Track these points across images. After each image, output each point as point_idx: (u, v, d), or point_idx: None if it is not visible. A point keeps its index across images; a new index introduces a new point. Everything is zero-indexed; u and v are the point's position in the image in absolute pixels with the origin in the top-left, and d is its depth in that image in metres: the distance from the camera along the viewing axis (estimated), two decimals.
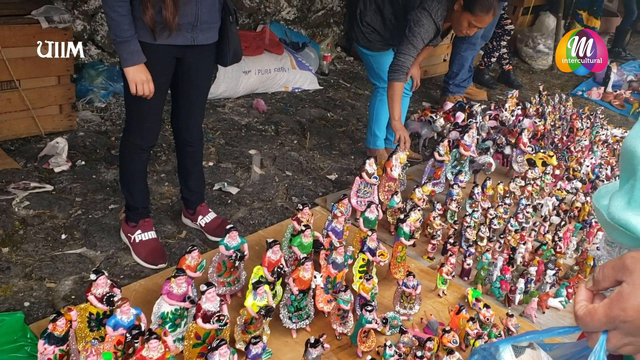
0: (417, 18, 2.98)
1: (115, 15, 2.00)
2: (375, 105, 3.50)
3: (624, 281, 0.61)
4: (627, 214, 0.62)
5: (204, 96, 2.45)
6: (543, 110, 4.43)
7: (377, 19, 3.23)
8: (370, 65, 3.45)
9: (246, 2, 4.95)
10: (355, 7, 3.30)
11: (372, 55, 3.37)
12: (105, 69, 3.84)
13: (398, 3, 3.14)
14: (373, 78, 3.50)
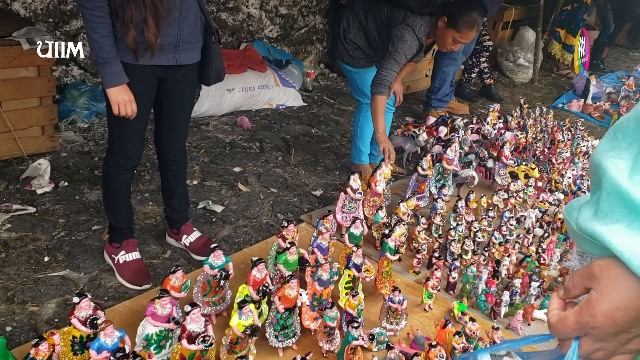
0: (400, 34, 3.02)
1: (97, 36, 2.01)
2: (360, 121, 3.53)
3: (592, 288, 0.64)
4: (594, 224, 0.64)
5: (187, 115, 2.45)
6: (524, 123, 4.49)
7: (361, 36, 3.26)
8: (354, 82, 3.48)
9: (229, 20, 4.98)
10: (338, 25, 3.33)
11: (355, 72, 3.40)
12: (88, 89, 3.83)
13: (381, 20, 3.18)
14: (357, 94, 3.53)
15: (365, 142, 3.58)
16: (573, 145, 4.45)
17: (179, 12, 2.10)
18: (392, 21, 3.11)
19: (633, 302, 0.60)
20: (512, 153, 3.76)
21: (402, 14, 3.07)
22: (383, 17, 3.16)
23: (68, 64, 4.01)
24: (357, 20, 3.25)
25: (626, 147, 0.66)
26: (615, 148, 0.68)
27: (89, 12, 1.98)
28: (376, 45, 3.26)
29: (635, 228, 0.60)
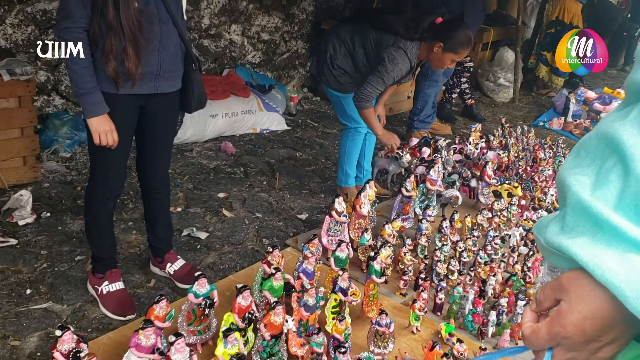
0: (392, 56, 3.07)
1: (76, 67, 2.01)
2: (347, 145, 3.54)
3: (562, 300, 0.66)
4: (560, 238, 0.67)
5: (169, 143, 2.45)
6: (506, 142, 4.54)
7: (348, 61, 3.29)
8: (340, 107, 3.48)
9: (211, 47, 5.01)
10: (324, 52, 3.34)
11: (343, 97, 3.41)
12: (70, 118, 3.82)
13: (370, 45, 3.21)
14: (344, 119, 3.53)
15: (352, 165, 3.61)
16: (555, 163, 4.50)
17: (159, 41, 2.11)
18: (381, 44, 3.15)
19: (600, 311, 0.63)
20: (495, 172, 3.80)
21: (392, 38, 3.12)
22: (372, 42, 3.20)
23: (50, 94, 4.00)
24: (344, 46, 3.28)
25: (589, 164, 0.70)
26: (579, 165, 0.71)
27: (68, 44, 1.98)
28: (365, 69, 3.29)
29: (599, 240, 0.63)
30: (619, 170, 0.65)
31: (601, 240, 0.63)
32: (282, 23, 5.53)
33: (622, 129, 0.66)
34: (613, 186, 0.65)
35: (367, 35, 3.21)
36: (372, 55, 3.22)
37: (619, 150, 0.66)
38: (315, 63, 3.42)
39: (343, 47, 3.28)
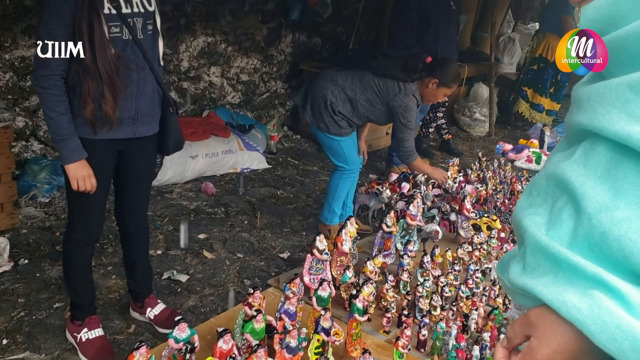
0: (405, 104, 3.25)
1: (54, 114, 2.02)
2: (339, 185, 3.56)
3: (532, 336, 0.69)
4: (524, 279, 0.70)
5: (147, 186, 2.46)
6: (484, 176, 4.61)
7: (347, 107, 3.36)
8: (338, 151, 3.50)
9: (191, 89, 5.06)
10: (323, 99, 3.36)
11: (342, 140, 3.46)
12: (49, 163, 3.80)
13: (374, 91, 3.31)
14: (340, 161, 3.54)
15: (339, 205, 3.64)
16: None
17: (137, 86, 2.14)
18: (388, 92, 3.29)
19: (569, 345, 0.66)
20: (473, 205, 3.84)
21: (396, 84, 3.27)
22: (376, 89, 3.31)
23: (28, 139, 3.99)
24: (343, 92, 3.35)
25: (541, 203, 0.73)
26: (532, 205, 0.74)
27: (45, 92, 2.00)
28: (365, 112, 3.38)
29: (560, 279, 0.66)
30: (569, 209, 0.68)
31: (562, 279, 0.66)
32: (261, 64, 5.61)
33: (570, 170, 0.70)
34: (566, 225, 0.68)
35: (368, 82, 3.32)
36: (376, 101, 3.34)
37: (568, 190, 0.69)
38: (310, 111, 3.41)
39: (342, 93, 3.34)
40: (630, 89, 0.65)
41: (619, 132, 0.64)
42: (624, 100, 0.65)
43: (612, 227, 0.63)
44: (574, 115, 0.74)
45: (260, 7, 5.36)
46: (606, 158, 0.67)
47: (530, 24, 10.07)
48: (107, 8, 2.02)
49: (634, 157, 0.64)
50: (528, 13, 10.25)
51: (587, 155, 0.69)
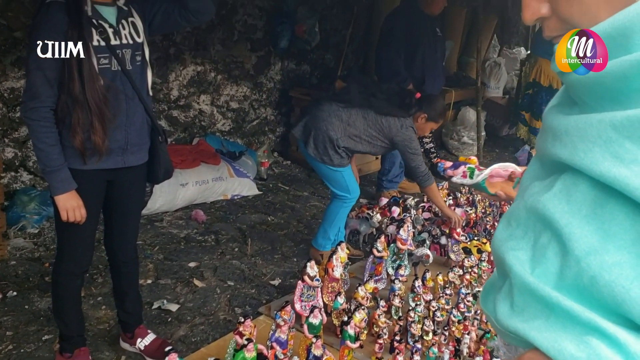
0: (407, 137, 3.46)
1: (43, 146, 2.03)
2: (338, 214, 3.60)
3: None
4: (514, 321, 0.69)
5: (137, 216, 2.46)
6: (473, 199, 4.63)
7: (351, 142, 3.49)
8: (340, 181, 3.56)
9: (181, 117, 5.09)
10: (326, 135, 3.42)
11: (343, 171, 3.53)
12: (38, 194, 3.79)
13: (379, 128, 3.48)
14: (342, 191, 3.58)
15: (335, 231, 3.66)
16: None
17: (126, 116, 2.16)
18: (391, 129, 3.48)
19: None
20: (463, 229, 3.86)
21: (397, 121, 3.46)
22: (379, 126, 3.48)
23: (17, 170, 3.99)
24: (347, 129, 3.47)
25: (522, 236, 0.73)
26: (512, 236, 0.74)
27: (34, 123, 2.01)
28: (366, 145, 3.54)
29: (553, 323, 0.65)
30: (554, 248, 0.67)
31: (555, 324, 0.65)
32: (251, 92, 5.66)
33: (552, 205, 0.69)
34: (551, 264, 0.67)
35: (371, 120, 3.48)
36: (379, 137, 3.51)
37: (552, 227, 0.68)
38: (313, 145, 3.47)
39: (347, 129, 3.46)
40: (612, 128, 0.64)
41: (605, 173, 0.63)
42: (607, 139, 0.64)
43: (603, 271, 0.62)
44: (549, 145, 0.73)
45: (249, 36, 5.43)
46: (590, 197, 0.66)
47: (516, 48, 10.23)
48: (96, 40, 2.05)
49: (620, 198, 0.63)
50: (513, 38, 10.41)
51: (568, 190, 0.68)
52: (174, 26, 2.33)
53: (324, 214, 3.70)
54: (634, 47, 0.63)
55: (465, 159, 1.64)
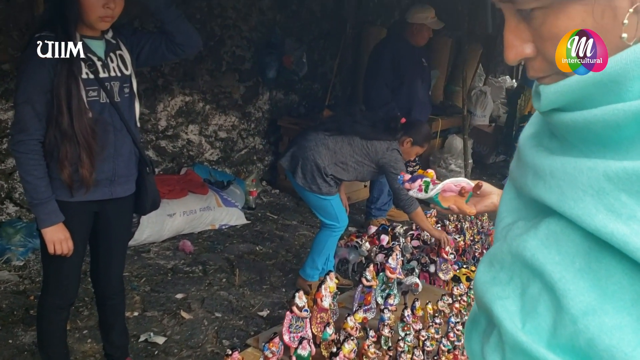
0: (393, 158, 3.45)
1: (31, 178, 2.03)
2: (327, 243, 3.60)
3: None
4: None
5: (123, 247, 2.44)
6: (461, 227, 4.65)
7: (338, 169, 3.50)
8: (328, 209, 3.56)
9: (169, 147, 5.09)
10: (314, 163, 3.44)
11: (332, 199, 3.54)
12: (24, 225, 3.76)
13: (364, 153, 3.50)
14: (331, 220, 3.59)
15: (323, 261, 3.65)
16: None
17: (114, 148, 2.17)
18: (377, 153, 3.49)
19: None
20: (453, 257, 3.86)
21: (383, 144, 3.48)
22: (365, 151, 3.50)
23: (3, 202, 3.95)
24: (334, 156, 3.49)
25: (507, 281, 0.70)
26: (497, 280, 0.71)
27: (23, 156, 2.01)
28: (354, 172, 3.55)
29: None
30: (546, 302, 0.64)
31: None
32: (239, 121, 5.69)
33: (541, 255, 0.65)
34: (544, 320, 0.64)
35: (357, 146, 3.50)
36: (365, 162, 3.52)
37: (542, 279, 0.65)
38: (301, 174, 3.48)
39: (334, 157, 3.48)
40: (606, 179, 0.60)
41: (600, 228, 0.59)
42: (600, 189, 0.60)
43: (602, 335, 0.59)
44: (531, 183, 0.70)
45: (238, 66, 5.49)
46: (584, 248, 0.63)
47: (501, 77, 10.42)
48: (85, 73, 2.07)
49: (617, 254, 0.59)
50: (498, 67, 10.61)
51: (558, 238, 0.65)
52: (162, 59, 2.36)
53: (312, 244, 3.69)
54: (626, 94, 0.61)
55: (423, 172, 1.68)
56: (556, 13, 0.64)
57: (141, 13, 4.43)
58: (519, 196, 0.76)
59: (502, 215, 0.79)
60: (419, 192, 1.68)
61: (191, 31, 2.31)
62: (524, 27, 0.68)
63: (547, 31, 0.65)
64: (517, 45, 0.68)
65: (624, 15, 0.61)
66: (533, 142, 0.75)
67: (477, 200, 1.60)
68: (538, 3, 0.64)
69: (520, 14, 0.67)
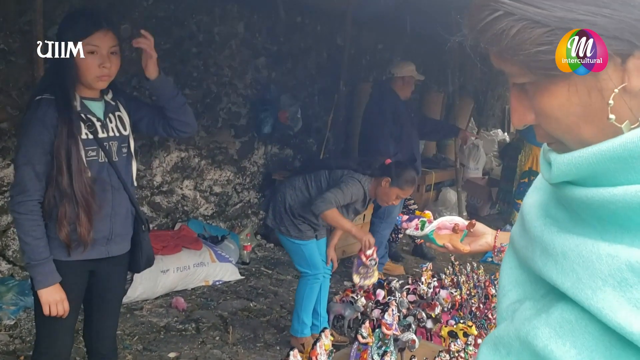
0: (350, 181, 3.30)
1: (30, 239, 2.03)
2: (305, 293, 3.55)
3: None
4: None
5: (117, 306, 2.43)
6: (458, 280, 4.63)
7: (307, 209, 3.44)
8: (300, 254, 3.54)
9: (164, 203, 5.10)
10: (282, 204, 3.47)
11: (303, 244, 3.50)
12: (16, 283, 3.72)
13: (323, 184, 3.42)
14: (303, 267, 3.57)
15: (308, 314, 3.59)
16: None
17: (111, 207, 2.18)
18: (337, 176, 3.37)
19: None
20: (449, 311, 3.83)
21: (345, 171, 3.37)
22: (325, 180, 3.42)
23: None
24: (301, 194, 3.46)
25: None
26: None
27: (22, 217, 2.02)
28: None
29: None
30: None
31: None
32: (234, 176, 5.73)
33: (554, 345, 0.61)
34: None
35: (320, 178, 3.44)
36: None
37: None
38: (272, 216, 3.50)
39: (301, 195, 3.46)
40: (630, 270, 0.55)
41: (624, 327, 0.54)
42: (622, 281, 0.55)
43: None
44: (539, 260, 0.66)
45: (233, 122, 5.58)
46: (604, 344, 0.57)
47: (493, 130, 10.59)
48: (84, 134, 2.11)
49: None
50: (490, 120, 10.80)
51: (573, 329, 0.60)
52: (155, 134, 2.42)
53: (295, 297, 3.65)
54: None
55: (421, 213, 1.73)
56: (542, 91, 0.64)
57: (139, 72, 4.53)
58: (522, 267, 0.73)
59: (505, 289, 0.75)
60: (416, 230, 1.72)
61: (190, 119, 2.36)
62: (524, 95, 0.68)
63: (537, 106, 0.66)
64: (521, 111, 0.69)
65: (609, 96, 0.60)
66: (540, 212, 0.71)
67: (472, 239, 1.63)
68: (526, 79, 0.65)
69: (517, 85, 0.69)
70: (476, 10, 0.65)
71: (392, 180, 3.37)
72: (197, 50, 5.01)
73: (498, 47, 0.64)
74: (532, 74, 0.64)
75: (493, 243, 1.65)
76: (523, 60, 0.63)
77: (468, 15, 0.67)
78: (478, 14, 0.65)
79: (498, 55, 0.66)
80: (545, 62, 0.61)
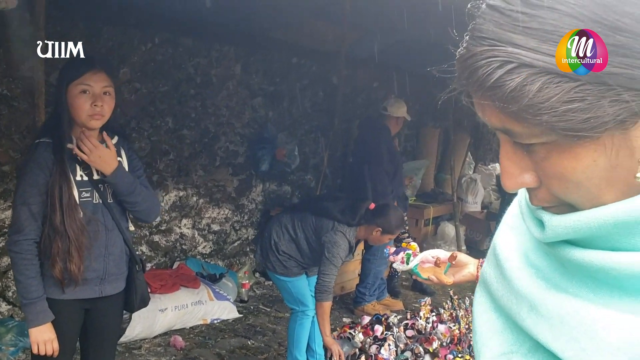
0: (334, 240, 3.27)
1: (23, 278, 2.08)
2: (296, 330, 3.56)
3: None
4: None
5: (113, 345, 2.45)
6: (456, 315, 4.62)
7: (292, 246, 3.48)
8: (288, 291, 3.57)
9: (162, 242, 5.15)
10: (268, 240, 3.52)
11: (290, 281, 3.53)
12: (16, 324, 3.74)
13: (310, 230, 3.45)
14: (292, 304, 3.60)
15: (302, 351, 3.59)
16: None
17: (105, 247, 2.23)
18: (322, 229, 3.38)
19: None
20: (448, 346, 3.82)
21: (330, 223, 3.36)
22: (311, 227, 3.44)
23: None
24: (287, 232, 3.50)
25: None
26: None
27: (17, 256, 2.08)
28: (308, 251, 3.47)
29: None
30: None
31: None
32: (232, 213, 5.79)
33: None
34: None
35: (306, 222, 3.47)
36: (312, 239, 3.44)
37: None
38: (259, 251, 3.57)
39: (286, 234, 3.49)
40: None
41: None
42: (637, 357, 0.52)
43: None
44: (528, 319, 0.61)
45: (231, 161, 5.66)
46: None
47: (491, 164, 10.66)
48: (79, 175, 2.18)
49: None
50: (487, 155, 10.88)
51: None
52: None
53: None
54: None
55: (406, 245, 1.79)
56: (561, 152, 0.56)
57: (138, 114, 4.65)
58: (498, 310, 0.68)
59: (484, 337, 0.70)
60: (402, 264, 1.78)
61: (149, 210, 2.37)
62: (522, 155, 0.60)
63: (550, 168, 0.58)
64: (516, 174, 0.61)
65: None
66: (521, 259, 0.66)
67: (455, 270, 1.68)
68: (542, 139, 0.56)
69: (518, 144, 0.60)
70: (477, 63, 0.56)
71: (383, 228, 3.34)
72: (195, 91, 5.14)
73: (516, 107, 0.54)
74: (555, 135, 0.55)
75: (476, 273, 1.70)
76: (547, 120, 0.54)
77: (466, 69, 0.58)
78: (482, 67, 0.55)
79: (511, 115, 0.56)
80: (575, 121, 0.53)
